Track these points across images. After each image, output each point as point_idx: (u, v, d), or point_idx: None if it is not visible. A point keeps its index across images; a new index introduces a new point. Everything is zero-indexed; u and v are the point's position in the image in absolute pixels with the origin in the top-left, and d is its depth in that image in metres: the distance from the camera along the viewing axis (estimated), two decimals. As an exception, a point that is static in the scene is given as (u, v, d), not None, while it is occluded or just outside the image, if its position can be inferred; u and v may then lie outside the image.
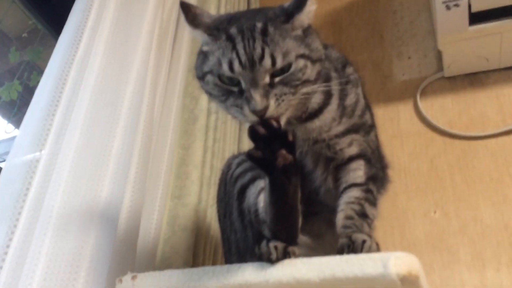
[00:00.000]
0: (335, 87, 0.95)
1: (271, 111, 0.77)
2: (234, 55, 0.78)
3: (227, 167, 1.07)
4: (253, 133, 0.77)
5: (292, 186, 0.81)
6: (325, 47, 0.97)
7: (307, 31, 0.86)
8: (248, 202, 0.94)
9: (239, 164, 1.03)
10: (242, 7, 2.10)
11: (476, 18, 1.54)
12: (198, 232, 1.37)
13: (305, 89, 0.83)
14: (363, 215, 0.88)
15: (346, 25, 2.09)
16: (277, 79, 0.79)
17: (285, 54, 0.79)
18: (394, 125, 1.78)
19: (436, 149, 1.68)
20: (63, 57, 1.17)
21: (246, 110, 0.78)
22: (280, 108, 0.79)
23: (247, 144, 1.77)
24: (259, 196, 0.92)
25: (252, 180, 0.96)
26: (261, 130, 0.76)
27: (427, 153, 1.69)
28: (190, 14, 0.86)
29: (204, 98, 1.56)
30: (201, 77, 0.86)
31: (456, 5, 1.51)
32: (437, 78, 1.80)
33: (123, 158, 1.12)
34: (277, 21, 0.82)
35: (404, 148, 1.72)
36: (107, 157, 1.10)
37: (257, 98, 0.76)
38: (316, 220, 1.02)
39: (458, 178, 1.60)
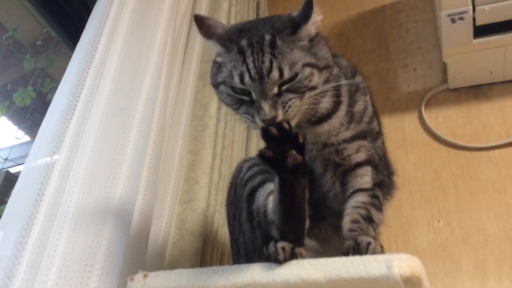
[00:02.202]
0: (344, 93, 0.99)
1: (279, 119, 0.82)
2: (244, 69, 0.84)
3: (238, 171, 1.10)
4: (266, 134, 0.82)
5: (300, 185, 0.85)
6: (335, 55, 1.01)
7: (314, 40, 0.90)
8: (258, 204, 0.98)
9: (249, 168, 1.06)
10: (252, 15, 2.16)
11: (481, 31, 1.58)
12: (205, 237, 1.40)
13: (313, 92, 0.87)
14: (369, 219, 0.90)
15: (353, 36, 2.13)
16: (283, 88, 0.84)
17: (291, 66, 0.84)
18: (399, 135, 1.81)
19: (440, 159, 1.71)
20: (80, 64, 1.21)
21: (257, 119, 0.83)
22: (288, 114, 0.83)
23: (254, 152, 1.80)
24: (268, 198, 0.95)
25: (262, 183, 1.00)
26: (274, 131, 0.81)
27: (431, 163, 1.71)
28: (204, 26, 0.91)
29: (213, 106, 1.60)
30: (216, 86, 0.92)
31: (461, 18, 1.55)
32: (441, 89, 1.83)
33: (136, 162, 1.15)
34: (284, 32, 0.87)
35: (408, 157, 1.75)
36: (121, 161, 1.13)
37: (266, 108, 0.81)
38: (323, 224, 1.05)
39: (462, 188, 1.63)
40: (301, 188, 0.86)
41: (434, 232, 1.58)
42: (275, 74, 0.83)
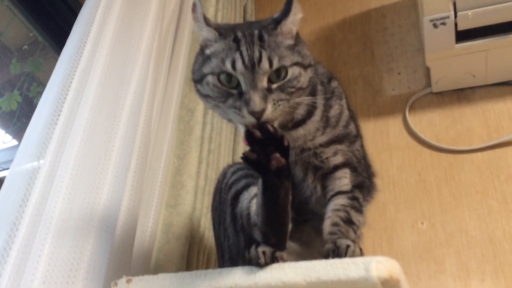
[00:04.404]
0: (320, 100, 1.01)
1: (268, 114, 0.83)
2: (237, 55, 0.85)
3: (223, 176, 1.11)
4: (249, 136, 0.82)
5: (283, 188, 0.85)
6: (315, 63, 1.03)
7: (297, 39, 0.93)
8: (241, 207, 0.98)
9: (234, 173, 1.07)
10: (238, 20, 2.17)
11: (463, 36, 1.60)
12: (191, 241, 1.40)
13: (298, 99, 0.89)
14: (349, 221, 0.92)
15: (339, 41, 2.15)
16: (274, 86, 0.86)
17: (280, 58, 0.86)
18: (384, 138, 1.83)
19: (424, 162, 1.73)
20: (65, 69, 1.21)
21: (244, 111, 0.83)
22: (276, 112, 0.85)
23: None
24: (252, 201, 0.96)
25: (246, 187, 1.00)
26: (257, 133, 0.81)
27: (415, 166, 1.74)
28: (202, 14, 0.92)
29: (199, 110, 1.61)
30: (199, 79, 0.91)
31: (443, 24, 1.57)
32: (425, 93, 1.86)
33: (121, 167, 1.16)
34: (268, 28, 0.90)
35: (393, 160, 1.77)
36: (106, 166, 1.13)
37: (256, 99, 0.82)
38: (306, 227, 1.06)
39: (445, 190, 1.65)
40: (284, 190, 0.86)
41: (418, 234, 1.60)
42: (265, 64, 0.84)
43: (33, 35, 2.18)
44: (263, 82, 0.84)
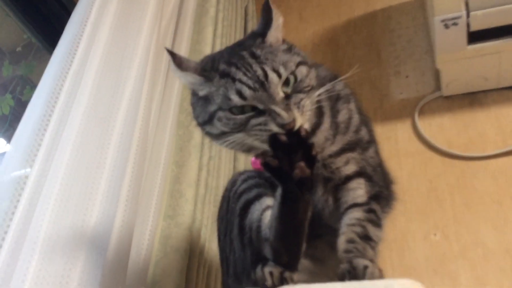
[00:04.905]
0: (325, 103, 0.94)
1: (299, 121, 0.77)
2: (238, 85, 0.79)
3: (232, 184, 1.03)
4: (274, 142, 0.76)
5: (304, 201, 0.79)
6: (315, 65, 0.96)
7: (288, 43, 0.88)
8: (251, 218, 0.90)
9: (244, 181, 0.99)
10: (239, 21, 2.10)
11: (475, 37, 1.55)
12: (191, 254, 1.33)
13: (315, 93, 0.84)
14: (366, 237, 0.83)
15: (344, 43, 2.09)
16: (289, 90, 0.80)
17: (284, 65, 0.81)
18: (392, 144, 1.76)
19: (435, 169, 1.66)
20: (57, 71, 1.15)
21: (272, 126, 0.77)
22: (305, 115, 0.80)
23: (243, 162, 1.74)
24: (264, 213, 0.88)
25: (258, 197, 0.92)
26: (283, 138, 0.75)
27: (426, 173, 1.66)
28: (176, 59, 0.86)
29: (199, 115, 1.54)
30: (208, 119, 0.84)
31: (455, 24, 1.52)
32: (435, 97, 1.79)
33: (116, 176, 1.09)
34: (256, 44, 0.84)
35: (402, 167, 1.70)
36: (99, 174, 1.06)
37: (282, 113, 0.76)
38: (319, 243, 0.97)
39: (458, 199, 1.58)
40: (304, 204, 0.80)
41: (431, 246, 1.53)
42: (273, 77, 0.78)
43: (26, 37, 2.11)
44: (280, 94, 0.79)
